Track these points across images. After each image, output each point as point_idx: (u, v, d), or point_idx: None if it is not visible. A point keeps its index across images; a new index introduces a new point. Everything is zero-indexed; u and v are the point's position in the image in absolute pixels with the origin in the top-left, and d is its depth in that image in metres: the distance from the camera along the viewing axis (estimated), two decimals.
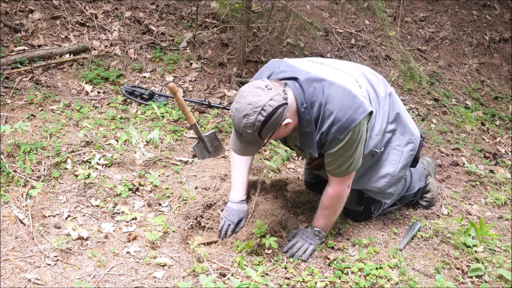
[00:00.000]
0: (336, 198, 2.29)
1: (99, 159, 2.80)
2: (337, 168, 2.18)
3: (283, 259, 2.29)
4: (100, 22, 4.38)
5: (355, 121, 2.02)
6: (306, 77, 2.06)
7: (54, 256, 2.13)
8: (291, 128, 2.08)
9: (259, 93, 1.95)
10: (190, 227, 2.45)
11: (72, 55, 3.98)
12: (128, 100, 3.61)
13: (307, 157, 2.41)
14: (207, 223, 2.48)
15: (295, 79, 2.07)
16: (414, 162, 2.51)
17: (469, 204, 3.08)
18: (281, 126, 2.01)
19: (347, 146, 2.08)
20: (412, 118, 2.56)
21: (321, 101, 2.03)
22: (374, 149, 2.33)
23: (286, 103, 1.98)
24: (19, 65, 3.72)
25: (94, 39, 4.23)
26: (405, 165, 2.43)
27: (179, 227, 2.43)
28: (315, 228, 2.36)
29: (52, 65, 3.86)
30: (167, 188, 2.69)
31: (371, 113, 2.12)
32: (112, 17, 4.48)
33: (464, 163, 3.61)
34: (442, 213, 2.85)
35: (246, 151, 2.17)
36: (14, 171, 2.61)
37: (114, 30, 4.35)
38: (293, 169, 3.14)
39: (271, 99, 1.93)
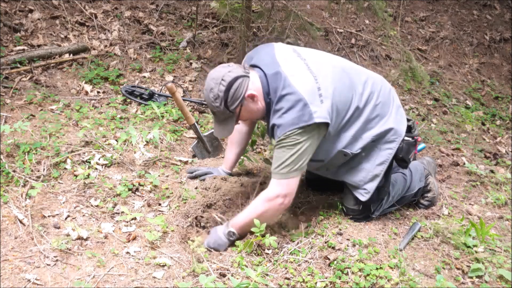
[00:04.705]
0: (265, 199, 2.24)
1: (99, 159, 2.80)
2: (273, 165, 2.25)
3: (283, 259, 2.28)
4: (99, 22, 4.37)
5: (294, 125, 2.13)
6: (274, 72, 2.21)
7: (54, 256, 2.13)
8: (259, 106, 2.25)
9: (221, 69, 2.22)
10: (190, 225, 2.44)
11: (71, 55, 3.97)
12: (128, 100, 3.61)
13: None
14: (207, 223, 2.48)
15: (264, 71, 2.24)
16: (403, 163, 2.51)
17: (470, 204, 3.08)
18: (246, 99, 2.20)
19: (285, 146, 2.18)
20: (410, 120, 2.55)
21: (278, 97, 2.17)
22: (344, 149, 2.34)
23: (247, 76, 2.20)
24: (18, 65, 3.72)
25: (94, 39, 4.22)
26: (382, 163, 2.42)
27: (177, 225, 2.42)
28: (231, 229, 2.31)
29: (52, 65, 3.85)
30: (167, 188, 2.68)
31: (326, 124, 2.18)
32: (112, 17, 4.48)
33: (464, 163, 3.60)
34: (443, 213, 2.85)
35: (223, 131, 2.31)
36: (14, 171, 2.60)
37: (114, 30, 4.34)
38: None
39: (229, 71, 2.19)
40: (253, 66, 2.30)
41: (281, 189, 2.23)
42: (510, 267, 2.34)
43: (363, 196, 2.46)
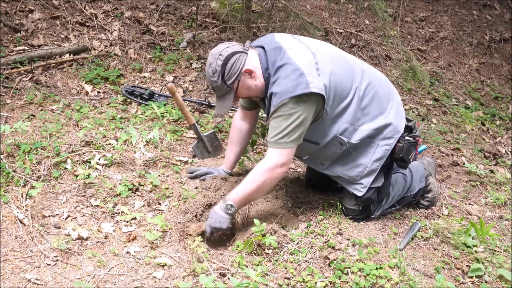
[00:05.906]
0: (264, 169, 2.26)
1: (99, 159, 2.80)
2: (269, 134, 2.27)
3: (283, 259, 2.29)
4: (100, 22, 4.38)
5: (290, 93, 2.16)
6: (273, 46, 2.29)
7: (54, 256, 2.13)
8: (258, 83, 2.30)
9: (220, 46, 2.31)
10: (189, 221, 2.43)
11: (72, 55, 3.98)
12: (128, 100, 3.61)
13: None
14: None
15: (263, 48, 2.32)
16: (403, 163, 2.50)
17: (469, 204, 3.08)
18: (243, 74, 2.27)
19: (281, 115, 2.20)
20: (411, 120, 2.55)
21: (275, 68, 2.24)
22: (341, 136, 2.34)
23: (245, 52, 2.28)
24: (19, 65, 3.72)
25: (94, 39, 4.23)
26: (379, 159, 2.42)
27: (174, 222, 2.42)
28: (228, 202, 2.31)
29: (52, 65, 3.86)
30: (167, 188, 2.69)
31: (322, 97, 2.20)
32: (112, 17, 4.48)
33: (464, 163, 3.60)
34: (442, 213, 2.85)
35: (222, 108, 2.36)
36: (14, 171, 2.61)
37: (114, 30, 4.35)
38: (293, 169, 3.14)
39: (228, 47, 2.27)
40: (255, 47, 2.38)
41: (279, 158, 2.25)
42: (510, 267, 2.35)
43: (359, 192, 2.46)
